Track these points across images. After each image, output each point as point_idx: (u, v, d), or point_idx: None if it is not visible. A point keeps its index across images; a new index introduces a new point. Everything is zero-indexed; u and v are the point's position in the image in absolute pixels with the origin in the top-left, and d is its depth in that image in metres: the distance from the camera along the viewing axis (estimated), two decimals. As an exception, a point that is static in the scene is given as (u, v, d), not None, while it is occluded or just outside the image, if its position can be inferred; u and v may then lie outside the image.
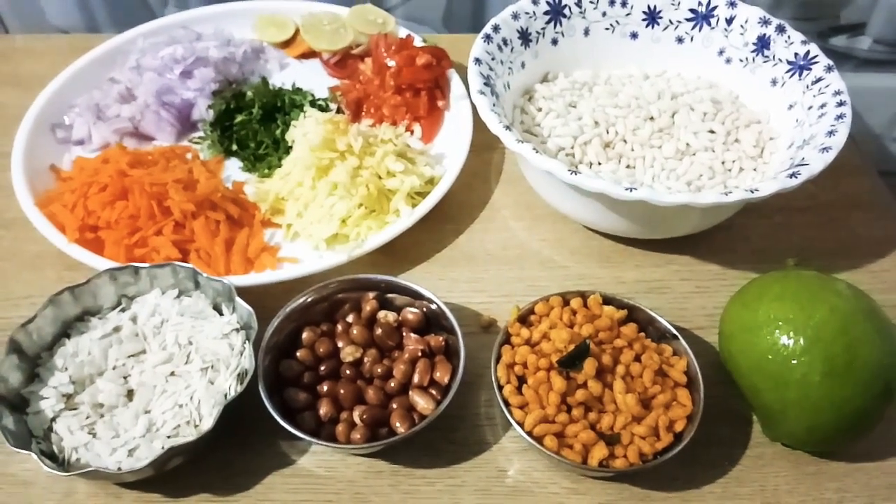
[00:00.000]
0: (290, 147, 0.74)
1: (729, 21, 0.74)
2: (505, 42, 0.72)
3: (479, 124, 0.71)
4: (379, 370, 0.55)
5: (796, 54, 0.70)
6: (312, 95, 0.82)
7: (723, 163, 0.69)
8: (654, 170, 0.68)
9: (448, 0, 0.96)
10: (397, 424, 0.53)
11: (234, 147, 0.76)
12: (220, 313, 0.59)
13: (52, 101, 0.77)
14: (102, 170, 0.68)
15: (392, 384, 0.55)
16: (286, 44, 0.88)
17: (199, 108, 0.79)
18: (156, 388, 0.54)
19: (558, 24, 0.75)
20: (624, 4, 0.76)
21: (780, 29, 0.72)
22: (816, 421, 0.51)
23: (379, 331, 0.57)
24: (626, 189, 0.57)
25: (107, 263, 0.62)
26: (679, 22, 0.76)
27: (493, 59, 0.70)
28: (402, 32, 0.85)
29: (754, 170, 0.68)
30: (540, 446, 0.51)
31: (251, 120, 0.78)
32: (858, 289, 0.54)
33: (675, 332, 0.57)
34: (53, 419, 0.53)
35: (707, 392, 0.54)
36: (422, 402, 0.54)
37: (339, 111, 0.80)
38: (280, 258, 0.67)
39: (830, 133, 0.62)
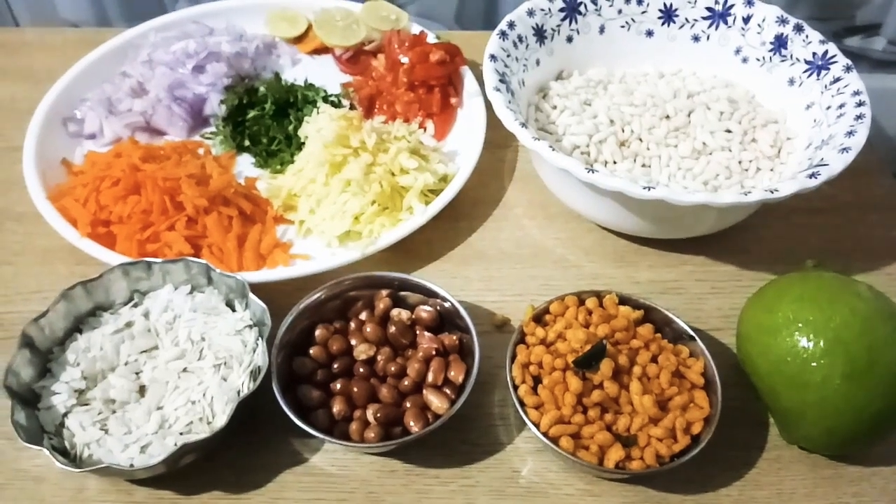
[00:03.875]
0: (303, 143, 0.74)
1: (746, 20, 0.73)
2: (520, 39, 0.71)
3: (492, 122, 0.71)
4: (392, 368, 0.55)
5: (814, 54, 0.69)
6: (325, 91, 0.81)
7: (739, 162, 0.68)
8: (670, 169, 0.68)
9: (461, -3, 0.96)
10: (411, 423, 0.52)
11: (247, 142, 0.76)
12: (233, 310, 0.58)
13: (63, 95, 0.77)
14: (115, 164, 0.68)
15: (406, 383, 0.54)
16: (298, 39, 0.88)
17: (211, 103, 0.78)
18: (168, 385, 0.54)
19: (574, 22, 0.75)
20: (640, 2, 0.75)
21: (798, 28, 0.71)
22: (836, 424, 0.50)
23: (392, 329, 0.57)
24: (644, 188, 0.57)
25: (119, 258, 0.62)
26: (695, 20, 0.75)
27: (508, 55, 0.69)
28: (416, 29, 0.84)
29: (771, 170, 0.68)
30: (556, 447, 0.50)
31: (264, 115, 0.77)
32: (879, 291, 0.53)
33: (692, 333, 0.56)
34: (65, 415, 0.53)
35: (724, 394, 0.53)
36: (436, 402, 0.53)
37: (351, 107, 0.79)
38: (292, 255, 0.66)
39: (850, 133, 0.61)
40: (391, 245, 0.66)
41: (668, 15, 0.76)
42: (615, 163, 0.69)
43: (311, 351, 0.56)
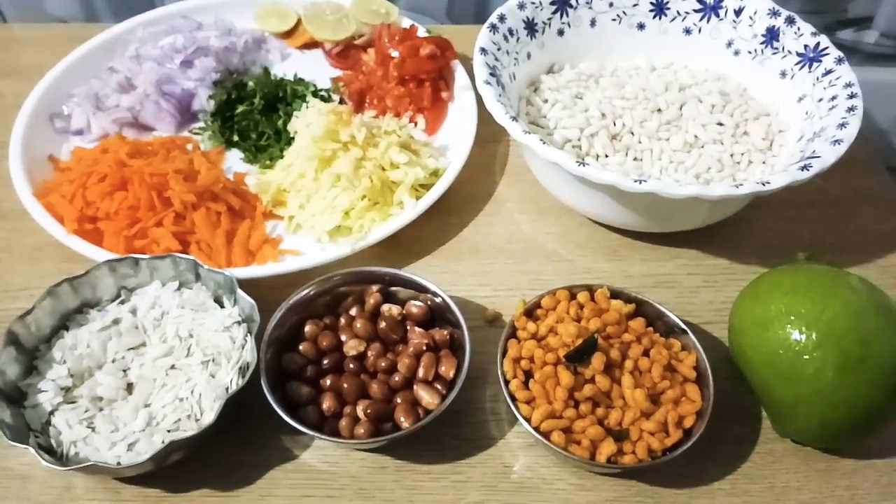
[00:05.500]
0: (292, 138, 0.73)
1: (737, 12, 0.73)
2: (511, 32, 0.71)
3: (483, 116, 0.70)
4: (383, 364, 0.55)
5: (806, 46, 0.69)
6: (315, 86, 0.81)
7: (731, 155, 0.68)
8: (662, 162, 0.67)
9: (451, -9, 0.95)
10: (402, 419, 0.52)
11: (236, 138, 0.75)
12: (222, 306, 0.58)
13: (50, 91, 0.76)
14: (101, 160, 0.67)
15: (396, 378, 0.54)
16: (288, 34, 0.87)
17: (199, 98, 0.78)
18: (156, 382, 0.53)
19: (565, 15, 0.74)
20: (631, -5, 0.75)
21: (790, 20, 0.71)
22: (829, 417, 0.50)
23: (383, 324, 0.56)
24: (636, 181, 0.56)
25: (106, 255, 0.62)
26: (687, 13, 0.75)
27: (498, 49, 0.69)
28: (406, 23, 0.84)
29: (763, 162, 0.68)
30: (547, 442, 0.50)
31: (253, 110, 0.77)
32: (871, 283, 0.53)
33: (683, 326, 0.56)
34: (52, 413, 0.52)
35: (716, 388, 0.53)
36: (426, 397, 0.53)
37: (341, 102, 0.79)
38: (282, 250, 0.66)
39: (841, 125, 0.61)
40: (381, 240, 0.65)
41: (659, 8, 0.75)
42: (607, 156, 0.68)
43: (300, 347, 0.56)
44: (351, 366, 0.55)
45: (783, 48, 0.71)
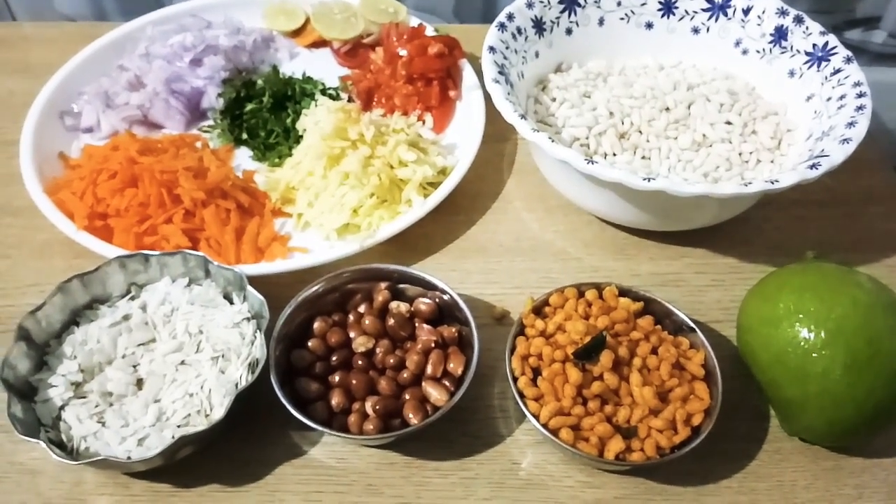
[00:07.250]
0: (301, 136, 0.73)
1: (746, 11, 0.73)
2: (519, 31, 0.71)
3: (491, 115, 0.70)
4: (391, 361, 0.55)
5: (814, 45, 0.69)
6: (323, 84, 0.81)
7: (739, 154, 0.68)
8: (670, 161, 0.67)
9: (459, -10, 0.95)
10: (410, 415, 0.52)
11: (245, 136, 0.76)
12: (231, 302, 0.58)
13: (60, 89, 0.76)
14: (112, 157, 0.68)
15: (405, 375, 0.54)
16: (296, 33, 0.87)
17: (208, 96, 0.78)
18: (166, 377, 0.54)
19: (573, 14, 0.74)
20: (639, -6, 0.75)
21: (798, 20, 0.71)
22: (837, 415, 0.50)
23: (391, 321, 0.56)
24: (644, 179, 0.56)
25: (116, 251, 0.62)
26: (695, 12, 0.75)
27: (507, 47, 0.69)
28: (414, 22, 0.84)
29: (771, 162, 0.68)
30: (555, 439, 0.50)
31: (261, 108, 0.77)
32: (880, 282, 0.53)
33: (692, 324, 0.56)
34: (62, 407, 0.52)
35: (724, 386, 0.53)
36: (435, 394, 0.53)
37: (349, 100, 0.79)
38: (291, 248, 0.66)
39: (850, 124, 0.61)
40: (390, 238, 0.66)
41: (667, 7, 0.75)
42: (615, 155, 0.68)
43: (309, 343, 0.56)
44: (360, 362, 0.55)
45: (791, 47, 0.71)
